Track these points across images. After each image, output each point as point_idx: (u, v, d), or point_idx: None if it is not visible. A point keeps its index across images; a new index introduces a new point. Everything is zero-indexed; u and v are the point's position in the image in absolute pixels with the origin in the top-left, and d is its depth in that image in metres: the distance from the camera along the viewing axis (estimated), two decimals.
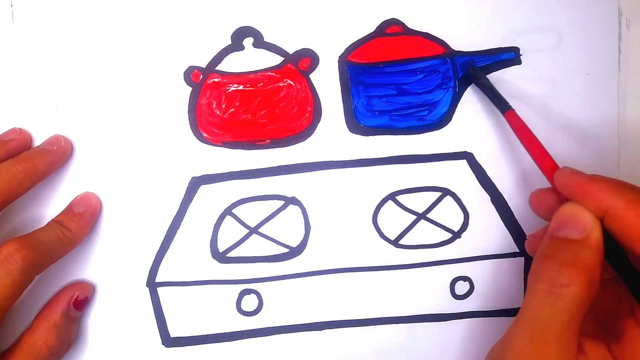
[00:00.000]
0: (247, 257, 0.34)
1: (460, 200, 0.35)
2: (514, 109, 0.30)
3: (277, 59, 0.34)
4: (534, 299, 0.24)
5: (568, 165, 0.31)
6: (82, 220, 0.32)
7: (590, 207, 0.24)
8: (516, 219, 0.35)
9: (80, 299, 0.33)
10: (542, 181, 0.34)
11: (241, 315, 0.35)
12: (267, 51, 0.34)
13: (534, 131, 0.29)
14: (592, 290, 0.23)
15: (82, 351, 0.34)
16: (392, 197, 0.35)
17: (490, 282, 0.35)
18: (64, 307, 0.32)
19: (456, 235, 0.35)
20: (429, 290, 0.35)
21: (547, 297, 0.23)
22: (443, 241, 0.35)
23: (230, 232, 0.34)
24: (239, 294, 0.35)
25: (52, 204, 0.33)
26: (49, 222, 0.32)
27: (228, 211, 0.34)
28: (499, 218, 0.35)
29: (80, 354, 0.34)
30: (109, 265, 0.34)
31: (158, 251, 0.34)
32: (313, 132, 0.34)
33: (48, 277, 0.33)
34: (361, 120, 0.34)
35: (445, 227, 0.35)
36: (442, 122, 0.34)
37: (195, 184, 0.34)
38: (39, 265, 0.30)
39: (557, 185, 0.26)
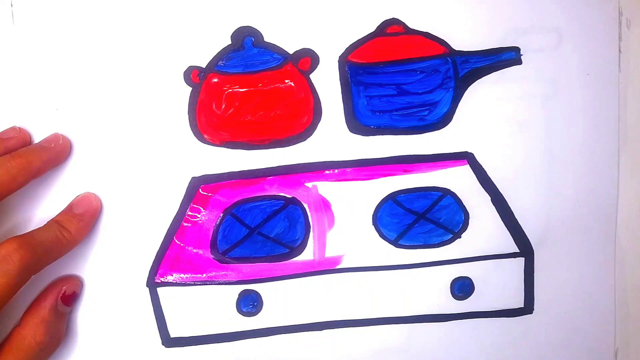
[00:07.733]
0: (247, 257, 0.34)
1: (460, 200, 0.35)
2: None
3: (277, 59, 0.34)
4: None
5: (569, 165, 0.31)
6: (81, 221, 0.32)
7: None
8: (517, 219, 0.35)
9: (68, 294, 0.33)
10: (541, 181, 0.34)
11: (241, 316, 0.35)
12: (267, 51, 0.34)
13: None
14: None
15: (83, 351, 0.34)
16: (392, 197, 0.35)
17: (490, 282, 0.35)
18: (51, 302, 0.32)
19: (456, 235, 0.35)
20: (429, 291, 0.35)
21: None
22: (443, 241, 0.35)
23: (230, 232, 0.34)
24: (239, 294, 0.35)
25: (51, 204, 0.33)
26: (48, 222, 0.32)
27: (228, 211, 0.34)
28: (500, 218, 0.35)
29: (81, 354, 0.34)
30: (108, 265, 0.34)
31: (158, 251, 0.34)
32: (313, 132, 0.34)
33: (45, 276, 0.33)
34: (361, 120, 0.34)
35: (446, 227, 0.35)
36: (442, 122, 0.34)
37: (195, 184, 0.34)
38: (36, 266, 0.30)
39: None
